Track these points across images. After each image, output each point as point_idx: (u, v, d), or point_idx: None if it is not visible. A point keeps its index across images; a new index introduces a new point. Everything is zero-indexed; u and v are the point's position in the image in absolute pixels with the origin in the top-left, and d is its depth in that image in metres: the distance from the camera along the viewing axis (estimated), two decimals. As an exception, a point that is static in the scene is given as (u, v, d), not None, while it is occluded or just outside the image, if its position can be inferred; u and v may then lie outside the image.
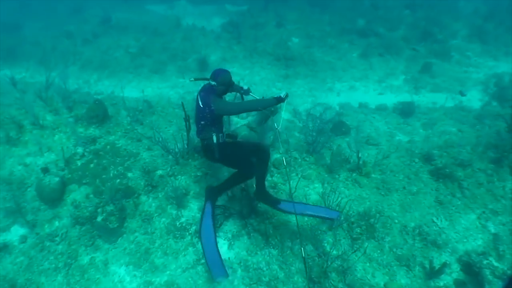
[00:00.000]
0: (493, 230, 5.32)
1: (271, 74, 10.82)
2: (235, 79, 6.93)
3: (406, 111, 8.62)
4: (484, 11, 14.05)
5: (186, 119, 5.92)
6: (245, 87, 5.46)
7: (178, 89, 10.25)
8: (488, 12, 13.96)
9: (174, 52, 11.68)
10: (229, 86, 4.99)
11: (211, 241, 4.99)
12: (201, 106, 4.83)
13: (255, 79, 10.47)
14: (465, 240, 5.22)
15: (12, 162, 6.45)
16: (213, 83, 4.83)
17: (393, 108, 8.96)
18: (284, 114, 8.65)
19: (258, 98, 5.01)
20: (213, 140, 4.86)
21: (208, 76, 4.96)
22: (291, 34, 12.99)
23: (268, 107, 4.70)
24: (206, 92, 4.89)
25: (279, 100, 4.58)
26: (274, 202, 5.15)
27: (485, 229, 5.36)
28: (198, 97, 4.94)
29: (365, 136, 7.65)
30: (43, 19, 16.02)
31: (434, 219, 5.46)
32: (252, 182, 5.60)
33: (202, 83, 5.18)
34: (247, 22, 14.00)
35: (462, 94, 9.56)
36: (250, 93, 5.50)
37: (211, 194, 5.34)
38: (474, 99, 9.42)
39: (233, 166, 5.14)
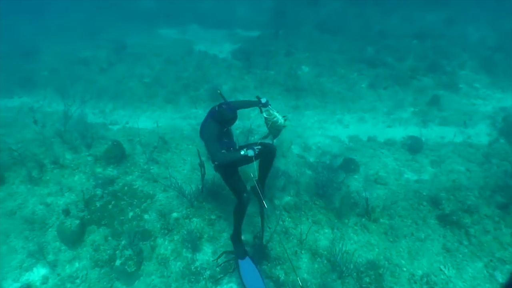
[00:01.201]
0: (500, 280, 5.44)
1: (281, 105, 11.06)
2: (244, 110, 7.24)
3: (414, 147, 8.78)
4: (492, 39, 14.21)
5: (201, 164, 6.17)
6: (264, 100, 5.68)
7: (191, 120, 10.52)
8: (496, 42, 14.10)
9: (186, 82, 11.99)
10: (225, 122, 5.25)
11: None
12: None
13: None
14: (472, 290, 5.35)
15: (34, 201, 6.74)
16: (217, 109, 5.21)
17: (401, 143, 9.11)
18: (294, 147, 8.87)
19: (275, 112, 5.52)
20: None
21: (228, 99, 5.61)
22: (301, 63, 13.26)
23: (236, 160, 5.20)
24: (208, 115, 5.40)
25: (247, 157, 5.04)
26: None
27: (492, 278, 5.48)
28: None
29: (374, 174, 7.81)
30: (59, 42, 16.49)
31: (442, 267, 5.60)
32: (268, 224, 5.84)
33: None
34: (257, 49, 14.32)
35: (465, 125, 9.78)
36: (269, 105, 5.71)
37: (236, 243, 5.57)
38: (482, 133, 9.55)
39: (227, 181, 5.53)
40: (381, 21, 16.40)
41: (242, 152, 5.01)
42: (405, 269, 5.56)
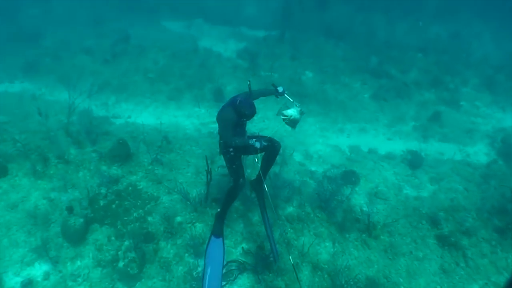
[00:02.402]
0: (493, 303, 5.61)
1: (284, 109, 11.12)
2: None
3: (414, 162, 8.91)
4: (495, 58, 14.39)
5: (208, 171, 6.22)
6: (280, 89, 5.88)
7: (194, 119, 10.55)
8: (499, 61, 14.29)
9: (190, 80, 11.98)
10: (243, 116, 5.38)
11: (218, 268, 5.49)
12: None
13: (268, 114, 10.76)
14: (466, 312, 5.51)
15: (37, 196, 6.75)
16: (238, 103, 5.30)
17: (401, 158, 9.24)
18: (296, 155, 8.95)
19: (292, 100, 5.67)
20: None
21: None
22: (305, 68, 13.31)
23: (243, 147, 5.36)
24: (229, 102, 5.50)
25: (253, 148, 5.20)
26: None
27: (486, 301, 5.65)
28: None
29: (374, 188, 7.93)
30: (63, 27, 16.31)
31: (438, 287, 5.75)
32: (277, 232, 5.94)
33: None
34: (262, 51, 14.33)
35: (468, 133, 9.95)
36: (285, 94, 5.92)
37: (218, 220, 5.78)
38: (481, 153, 9.74)
39: (229, 164, 5.68)
40: (387, 30, 16.50)
41: (251, 142, 5.19)
42: (402, 287, 5.70)
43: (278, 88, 5.90)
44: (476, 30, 16.96)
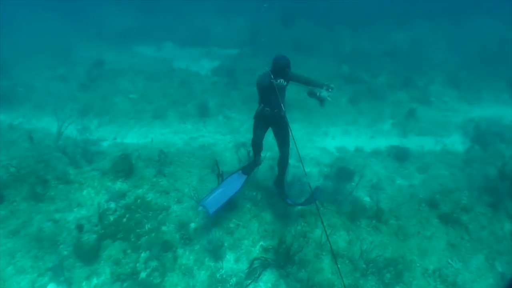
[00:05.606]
0: (500, 269, 6.02)
1: (269, 119, 11.43)
2: (234, 125, 7.39)
3: (400, 155, 9.42)
4: (454, 58, 15.55)
5: (220, 174, 6.34)
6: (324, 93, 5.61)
7: (182, 135, 10.59)
8: (459, 61, 15.47)
9: (173, 98, 12.06)
10: (283, 68, 5.76)
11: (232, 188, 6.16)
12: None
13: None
14: (479, 280, 5.87)
15: (40, 219, 6.57)
16: (267, 69, 5.84)
17: (387, 152, 9.75)
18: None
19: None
20: (281, 109, 6.03)
21: None
22: (282, 79, 13.72)
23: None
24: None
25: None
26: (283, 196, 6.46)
27: (493, 268, 6.05)
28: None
29: (369, 181, 8.31)
30: (31, 57, 15.91)
31: (449, 261, 6.11)
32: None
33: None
34: (239, 66, 14.67)
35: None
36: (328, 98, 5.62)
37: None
38: (457, 142, 10.45)
39: (284, 135, 6.45)
40: (351, 42, 17.39)
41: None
42: (418, 264, 6.01)
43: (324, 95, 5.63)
44: (430, 35, 18.27)
